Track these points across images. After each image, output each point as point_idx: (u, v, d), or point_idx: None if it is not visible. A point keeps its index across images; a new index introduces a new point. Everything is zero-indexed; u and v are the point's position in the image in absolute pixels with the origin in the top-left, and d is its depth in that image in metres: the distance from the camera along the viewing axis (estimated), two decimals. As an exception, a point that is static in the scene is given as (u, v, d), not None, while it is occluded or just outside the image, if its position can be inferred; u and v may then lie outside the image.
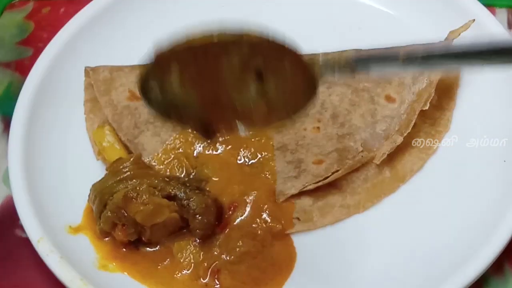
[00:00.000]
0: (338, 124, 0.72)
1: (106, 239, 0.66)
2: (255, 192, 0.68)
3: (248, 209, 0.67)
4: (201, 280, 0.63)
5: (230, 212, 0.67)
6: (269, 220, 0.66)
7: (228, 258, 0.64)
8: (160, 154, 0.71)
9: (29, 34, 0.88)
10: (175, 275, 0.64)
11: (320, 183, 0.67)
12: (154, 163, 0.70)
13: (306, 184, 0.68)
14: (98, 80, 0.75)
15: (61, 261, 0.63)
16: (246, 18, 0.82)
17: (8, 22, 0.90)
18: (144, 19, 0.84)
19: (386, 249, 0.65)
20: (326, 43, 0.78)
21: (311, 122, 0.72)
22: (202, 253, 0.65)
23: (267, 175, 0.69)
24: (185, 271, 0.64)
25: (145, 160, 0.70)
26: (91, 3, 0.83)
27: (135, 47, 0.81)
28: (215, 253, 0.65)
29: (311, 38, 0.80)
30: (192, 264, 0.64)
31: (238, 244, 0.64)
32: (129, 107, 0.73)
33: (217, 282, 0.63)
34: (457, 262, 0.61)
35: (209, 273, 0.64)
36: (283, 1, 0.85)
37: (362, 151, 0.69)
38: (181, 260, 0.64)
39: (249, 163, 0.70)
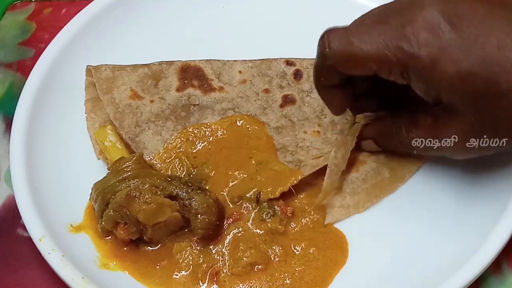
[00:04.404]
0: (338, 131, 0.72)
1: (108, 238, 0.66)
2: (258, 191, 0.68)
3: (251, 216, 0.67)
4: (200, 283, 0.64)
5: (232, 220, 0.67)
6: (271, 225, 0.66)
7: (233, 269, 0.64)
8: (161, 153, 0.71)
9: (31, 34, 0.88)
10: (173, 276, 0.64)
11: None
12: (155, 162, 0.70)
13: (305, 174, 0.68)
14: (100, 79, 0.75)
15: (63, 260, 0.63)
16: (246, 19, 0.84)
17: (10, 23, 0.90)
18: (145, 19, 0.84)
19: (385, 248, 0.65)
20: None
21: (312, 126, 0.73)
22: (201, 255, 0.65)
23: (270, 174, 0.69)
24: (183, 272, 0.64)
25: (146, 159, 0.70)
26: (91, 3, 0.83)
27: (135, 46, 0.82)
28: (216, 258, 0.65)
29: (311, 39, 0.81)
30: (191, 266, 0.64)
31: (246, 254, 0.64)
32: (131, 105, 0.74)
33: (216, 285, 0.63)
34: (456, 261, 0.61)
35: (207, 277, 0.64)
36: (282, 2, 0.85)
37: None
38: (180, 261, 0.65)
39: (252, 162, 0.70)
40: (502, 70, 0.53)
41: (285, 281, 0.63)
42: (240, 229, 0.66)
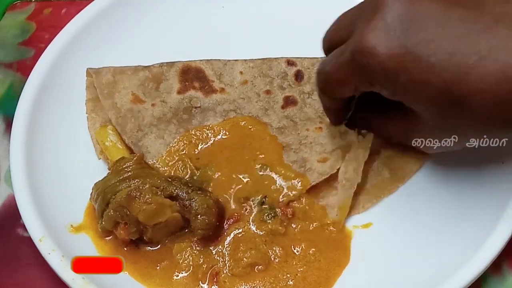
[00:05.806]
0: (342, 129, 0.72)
1: (108, 238, 0.66)
2: (264, 196, 0.68)
3: (252, 217, 0.67)
4: (200, 284, 0.64)
5: (232, 220, 0.67)
6: (271, 226, 0.66)
7: (233, 269, 0.64)
8: (164, 156, 0.71)
9: (31, 34, 0.88)
10: (173, 276, 0.64)
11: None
12: (158, 166, 0.70)
13: (312, 183, 0.68)
14: (101, 83, 0.74)
15: (63, 260, 0.63)
16: (246, 19, 0.84)
17: (10, 23, 0.90)
18: (145, 19, 0.84)
19: (385, 249, 0.65)
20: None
21: (314, 123, 0.73)
22: (202, 256, 0.65)
23: (274, 176, 0.69)
24: (183, 273, 0.64)
25: (150, 162, 0.70)
26: (92, 3, 0.83)
27: (136, 47, 0.82)
28: (216, 258, 0.65)
29: (311, 38, 0.81)
30: (191, 267, 0.64)
31: (246, 255, 0.65)
32: (133, 110, 0.73)
33: (216, 286, 0.63)
34: (456, 261, 0.62)
35: (208, 277, 0.64)
36: (283, 1, 0.85)
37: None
38: (180, 262, 0.65)
39: (256, 165, 0.70)
40: (454, 78, 0.52)
41: (288, 282, 0.63)
42: (241, 230, 0.66)
